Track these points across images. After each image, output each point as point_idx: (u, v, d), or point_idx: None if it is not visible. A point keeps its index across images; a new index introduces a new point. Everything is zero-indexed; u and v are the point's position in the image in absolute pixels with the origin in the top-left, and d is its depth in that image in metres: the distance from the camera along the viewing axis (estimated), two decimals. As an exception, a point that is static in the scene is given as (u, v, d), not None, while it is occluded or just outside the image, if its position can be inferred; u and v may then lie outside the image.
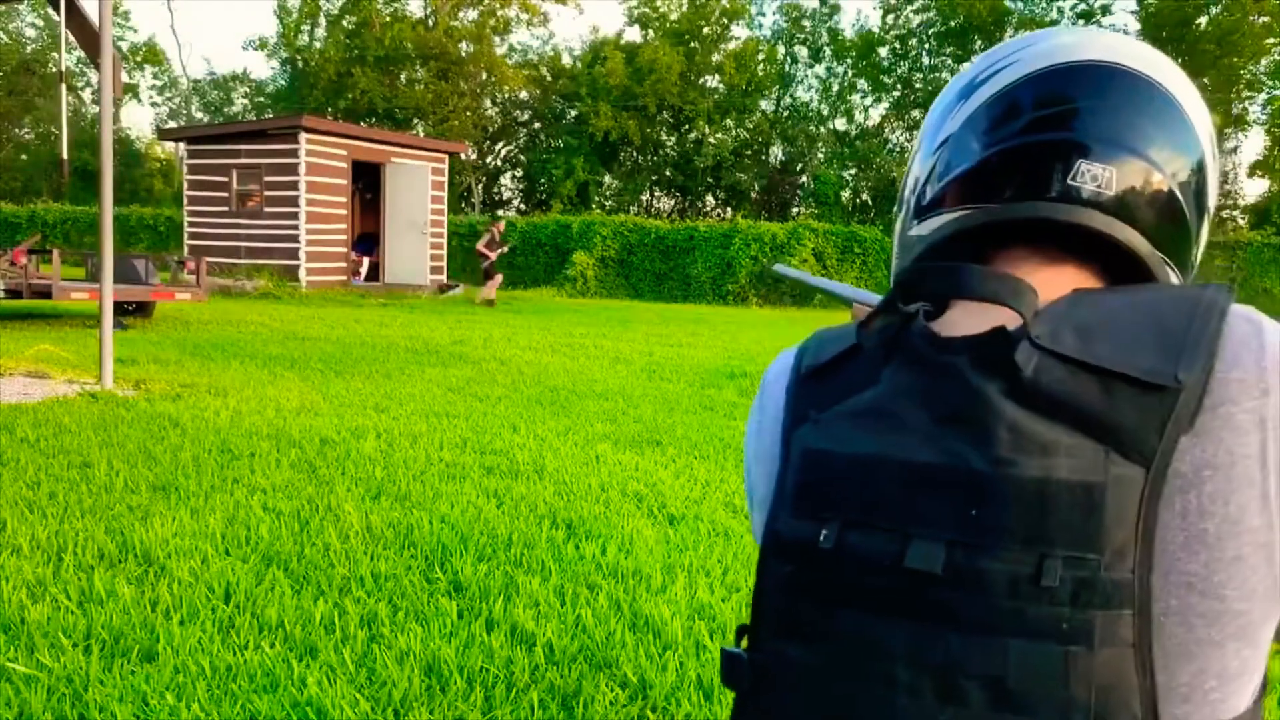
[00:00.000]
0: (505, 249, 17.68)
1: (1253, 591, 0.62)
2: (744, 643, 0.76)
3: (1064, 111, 0.76)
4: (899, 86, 33.16)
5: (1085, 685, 0.60)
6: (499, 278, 17.48)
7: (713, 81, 34.59)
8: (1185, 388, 0.62)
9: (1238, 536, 0.61)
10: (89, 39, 7.61)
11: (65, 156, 8.41)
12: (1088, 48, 0.78)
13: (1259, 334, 0.66)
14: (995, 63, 0.82)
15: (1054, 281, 0.76)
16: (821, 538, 0.69)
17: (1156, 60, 0.79)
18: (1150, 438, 0.62)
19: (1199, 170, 0.78)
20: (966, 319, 0.74)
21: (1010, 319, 0.69)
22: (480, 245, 17.11)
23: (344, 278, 18.85)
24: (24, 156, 40.07)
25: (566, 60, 37.02)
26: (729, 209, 34.53)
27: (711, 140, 33.63)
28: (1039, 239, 0.78)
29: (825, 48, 34.79)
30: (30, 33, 38.81)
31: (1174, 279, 0.78)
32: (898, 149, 31.82)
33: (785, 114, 35.15)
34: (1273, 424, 0.63)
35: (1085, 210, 0.75)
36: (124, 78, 24.36)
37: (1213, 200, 0.82)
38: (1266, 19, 26.80)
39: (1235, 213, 29.93)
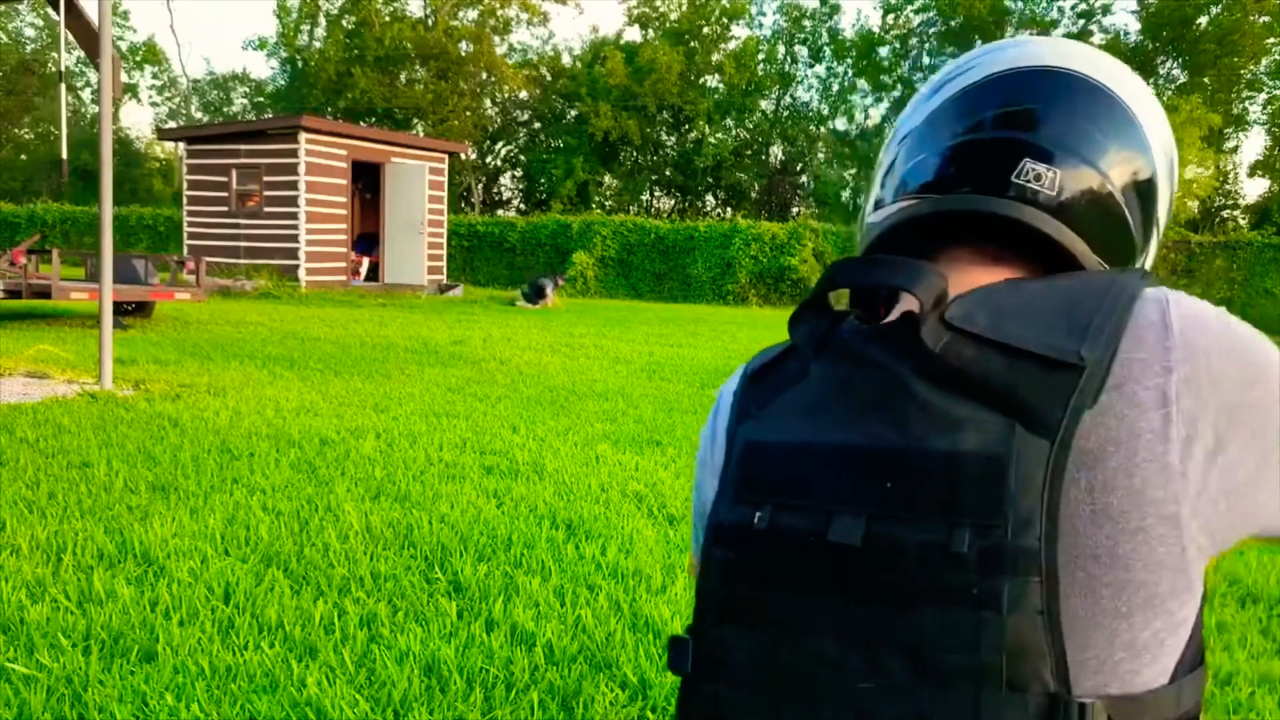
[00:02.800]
0: (561, 281, 18.30)
1: (1159, 563, 0.64)
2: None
3: (1017, 112, 0.79)
4: (899, 86, 33.15)
5: (996, 651, 0.62)
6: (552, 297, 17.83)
7: (713, 81, 34.59)
8: (1089, 365, 0.65)
9: (1140, 508, 0.64)
10: (88, 39, 7.60)
11: (65, 156, 8.41)
12: (1051, 56, 0.81)
13: (1163, 315, 0.68)
14: (963, 65, 0.85)
15: (994, 277, 0.77)
16: (756, 519, 0.72)
17: (1119, 74, 0.82)
18: (1054, 412, 0.64)
19: (1149, 184, 0.81)
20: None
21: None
22: (549, 298, 17.39)
23: (344, 278, 18.84)
24: (23, 156, 40.06)
25: (566, 60, 37.04)
26: (729, 209, 34.54)
27: (711, 140, 33.63)
28: (985, 237, 0.80)
29: (825, 47, 34.80)
30: (30, 32, 38.82)
31: None
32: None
33: (785, 114, 35.16)
34: (1174, 399, 0.65)
35: (1026, 208, 0.77)
36: (124, 78, 24.35)
37: (1163, 215, 0.83)
38: (1267, 19, 26.79)
39: (1235, 213, 29.93)
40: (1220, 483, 0.66)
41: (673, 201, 36.28)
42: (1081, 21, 30.38)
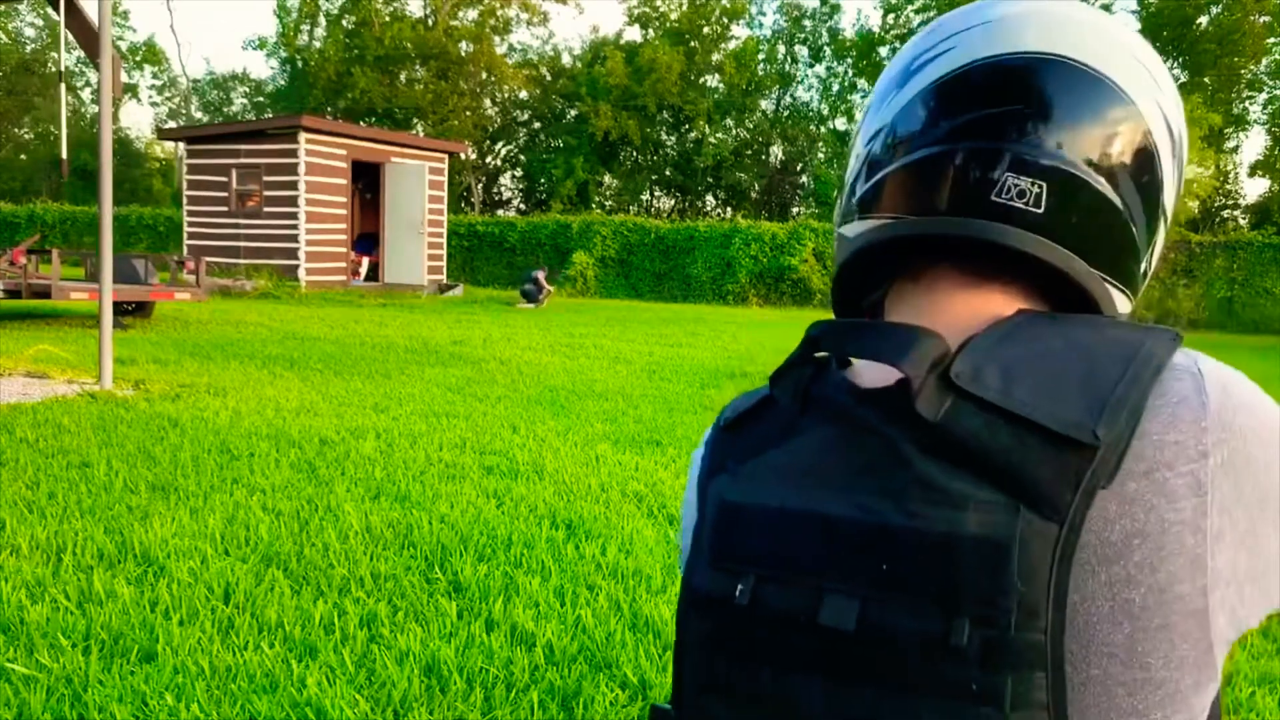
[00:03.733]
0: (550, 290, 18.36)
1: (1181, 660, 0.60)
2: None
3: (995, 117, 0.71)
4: (899, 86, 33.10)
5: None
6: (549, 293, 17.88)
7: (713, 81, 34.60)
8: (1104, 445, 0.59)
9: (1165, 605, 0.59)
10: (88, 39, 7.60)
11: (65, 156, 8.41)
12: (1034, 36, 0.72)
13: (1199, 391, 0.62)
14: (934, 45, 0.76)
15: (982, 300, 0.73)
16: (737, 593, 0.67)
17: (1109, 47, 0.73)
18: (1064, 494, 0.59)
19: (1150, 173, 0.73)
20: (902, 309, 0.75)
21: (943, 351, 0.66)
22: (547, 288, 17.43)
23: (343, 278, 18.84)
24: (23, 156, 40.08)
25: (566, 60, 37.07)
26: (729, 209, 34.55)
27: (711, 140, 33.64)
28: (969, 256, 0.73)
29: (825, 47, 34.82)
30: (30, 32, 38.84)
31: (1115, 294, 0.74)
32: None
33: (785, 114, 35.16)
34: (1209, 487, 0.60)
35: (1011, 230, 0.70)
36: (123, 77, 24.33)
37: (1171, 199, 0.76)
38: (1267, 19, 26.80)
39: (1235, 213, 29.94)
40: (1249, 568, 0.61)
41: (673, 201, 36.29)
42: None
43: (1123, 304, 0.75)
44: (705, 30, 34.36)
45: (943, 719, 0.60)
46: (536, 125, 37.15)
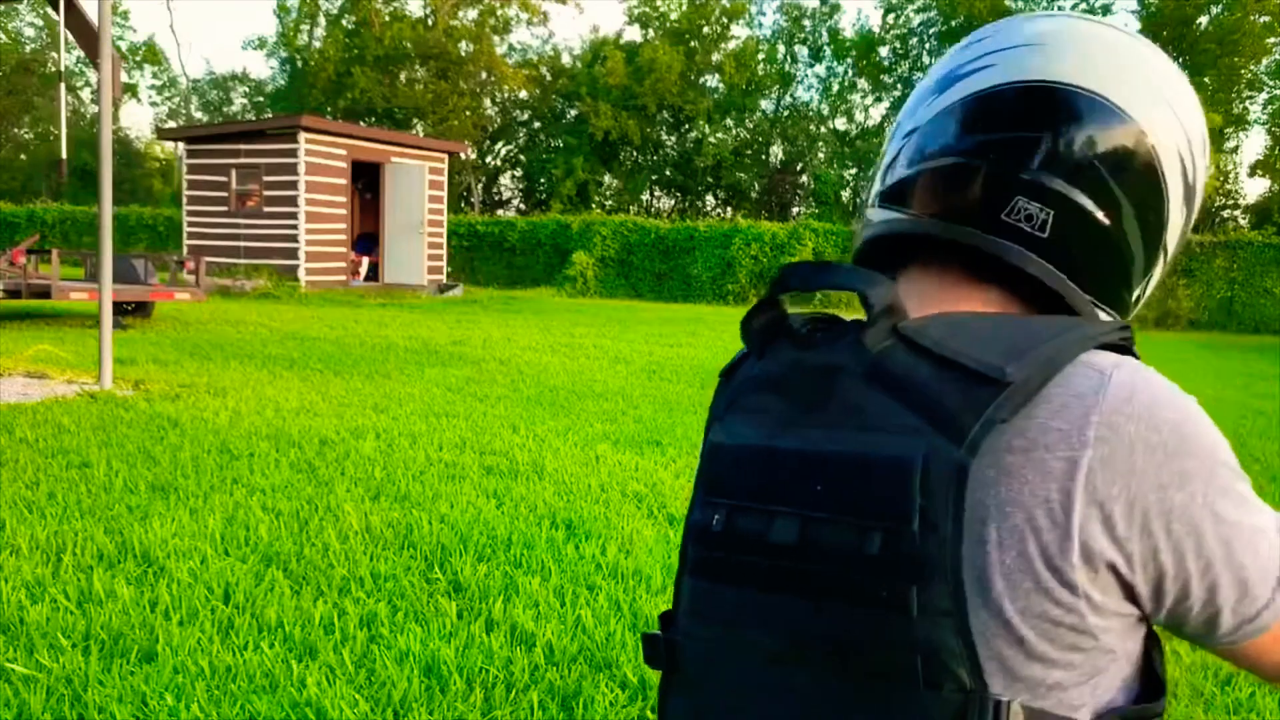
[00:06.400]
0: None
1: (1055, 621, 0.65)
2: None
3: (1020, 140, 0.76)
4: (899, 86, 33.13)
5: (908, 650, 0.64)
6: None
7: (713, 81, 34.57)
8: (1013, 383, 0.65)
9: (1033, 573, 0.64)
10: (88, 38, 7.60)
11: (64, 156, 8.41)
12: (1070, 59, 0.76)
13: (1098, 390, 0.67)
14: (978, 58, 0.80)
15: (981, 298, 0.78)
16: (714, 522, 0.75)
17: (1144, 84, 0.76)
18: (968, 420, 0.65)
19: (1158, 214, 0.77)
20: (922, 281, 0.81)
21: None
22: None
23: (343, 278, 18.84)
24: (23, 156, 40.04)
25: (566, 60, 37.00)
26: (729, 209, 34.51)
27: (711, 140, 33.61)
28: (974, 258, 0.79)
29: (825, 47, 34.77)
30: (29, 32, 38.77)
31: (1103, 316, 0.79)
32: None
33: (785, 114, 35.13)
34: (1083, 476, 0.64)
35: (1014, 247, 0.76)
36: (123, 77, 24.32)
37: (1176, 239, 0.80)
38: (1267, 19, 26.79)
39: (1235, 213, 29.92)
40: (1132, 570, 0.66)
41: (673, 201, 36.26)
42: (1081, 21, 30.35)
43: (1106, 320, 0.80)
44: (705, 30, 34.32)
45: (859, 626, 0.66)
46: (536, 125, 37.11)
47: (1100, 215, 0.75)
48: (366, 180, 20.45)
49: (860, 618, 0.66)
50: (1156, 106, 0.76)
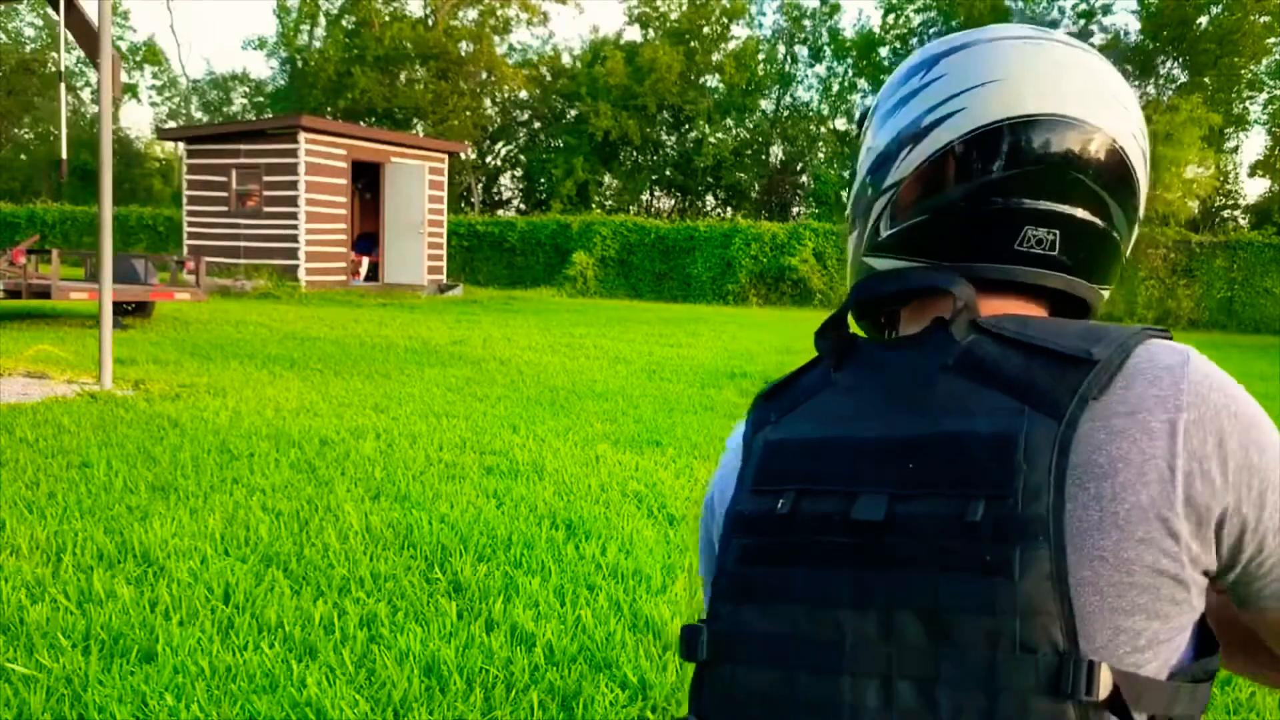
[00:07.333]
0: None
1: (1160, 571, 0.70)
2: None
3: (1012, 178, 0.81)
4: (899, 86, 33.07)
5: (1009, 614, 0.67)
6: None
7: (713, 81, 34.57)
8: (1099, 362, 0.72)
9: (1146, 521, 0.70)
10: (88, 38, 7.60)
11: (64, 156, 8.41)
12: (1030, 92, 0.81)
13: (1184, 364, 0.75)
14: (944, 101, 0.84)
15: (1001, 306, 0.84)
16: (779, 505, 0.77)
17: (1093, 87, 0.83)
18: (1064, 398, 0.71)
19: (1133, 192, 0.85)
20: (914, 328, 0.86)
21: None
22: None
23: (343, 278, 18.83)
24: (23, 156, 40.05)
25: (566, 60, 37.00)
26: (729, 209, 34.51)
27: (711, 140, 33.61)
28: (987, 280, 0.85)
29: (825, 47, 34.78)
30: (29, 32, 38.79)
31: (1104, 293, 0.89)
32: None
33: (785, 114, 35.14)
34: (1182, 435, 0.71)
35: (1033, 270, 0.83)
36: (123, 77, 24.32)
37: (1144, 197, 0.88)
38: (1267, 19, 26.78)
39: (1235, 213, 29.92)
40: (1221, 524, 0.72)
41: (673, 201, 36.25)
42: (1082, 21, 30.36)
43: (1107, 294, 0.90)
44: (705, 30, 34.32)
45: (960, 590, 0.68)
46: (536, 125, 37.11)
47: (1096, 220, 0.83)
48: (366, 180, 20.45)
49: (958, 585, 0.68)
50: (1108, 107, 0.83)
